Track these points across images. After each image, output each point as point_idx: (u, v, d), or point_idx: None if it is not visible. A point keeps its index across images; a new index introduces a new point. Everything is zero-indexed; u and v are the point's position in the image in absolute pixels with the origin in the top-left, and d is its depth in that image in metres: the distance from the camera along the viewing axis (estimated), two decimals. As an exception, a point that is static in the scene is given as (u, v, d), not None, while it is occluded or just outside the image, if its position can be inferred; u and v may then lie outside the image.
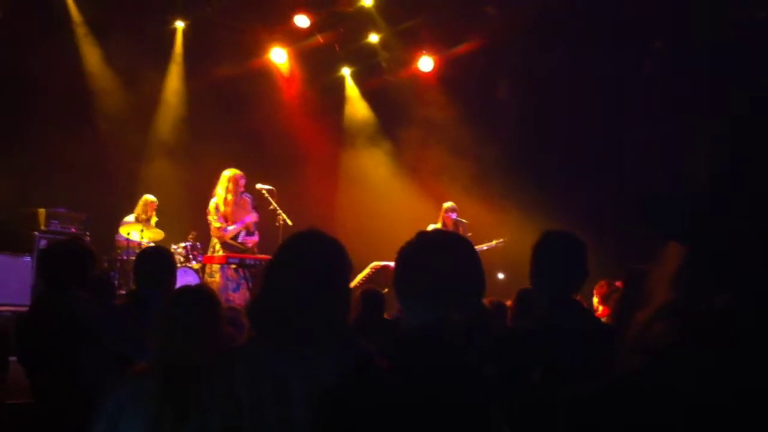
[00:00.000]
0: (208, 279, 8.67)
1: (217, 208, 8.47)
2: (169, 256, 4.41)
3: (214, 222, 8.47)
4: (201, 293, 2.96)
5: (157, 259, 4.28)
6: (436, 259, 2.01)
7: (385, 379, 1.87)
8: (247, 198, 8.74)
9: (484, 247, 9.60)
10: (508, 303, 5.28)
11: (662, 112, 10.41)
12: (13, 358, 3.79)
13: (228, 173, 8.59)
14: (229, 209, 8.49)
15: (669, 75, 10.36)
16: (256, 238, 8.74)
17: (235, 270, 8.31)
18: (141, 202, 9.63)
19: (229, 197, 8.51)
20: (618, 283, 5.14)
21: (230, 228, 8.46)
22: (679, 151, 9.26)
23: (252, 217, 8.62)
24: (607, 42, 10.61)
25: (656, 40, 10.70)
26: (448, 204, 9.62)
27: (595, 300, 6.11)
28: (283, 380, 2.24)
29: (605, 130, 11.16)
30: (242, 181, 8.62)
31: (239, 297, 8.13)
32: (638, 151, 10.85)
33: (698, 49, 9.75)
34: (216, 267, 8.48)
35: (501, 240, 9.80)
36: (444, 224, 9.33)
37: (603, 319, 4.54)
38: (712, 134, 1.30)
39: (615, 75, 10.88)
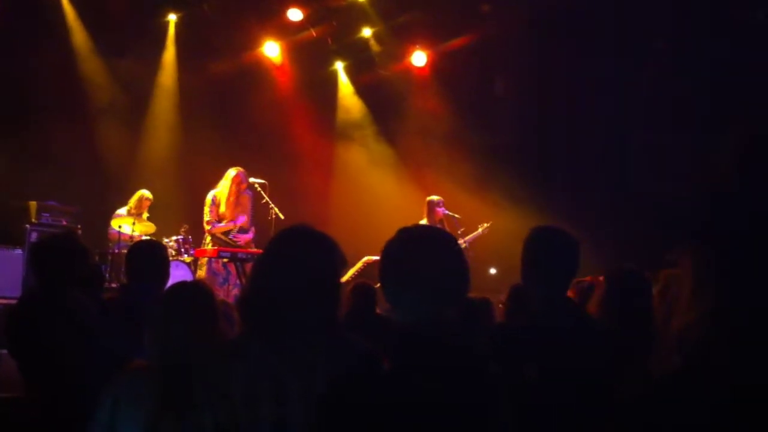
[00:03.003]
0: (198, 272, 8.69)
1: (214, 202, 8.49)
2: (163, 250, 4.36)
3: (206, 215, 8.49)
4: (199, 289, 2.95)
5: (150, 252, 4.26)
6: (419, 255, 2.02)
7: (385, 378, 1.87)
8: (248, 195, 8.75)
9: (472, 236, 9.58)
10: (501, 298, 5.28)
11: (663, 113, 10.42)
12: (3, 351, 3.78)
13: (233, 172, 8.59)
14: (228, 210, 8.50)
15: (670, 75, 10.37)
16: (249, 236, 8.73)
17: (223, 264, 8.33)
18: (136, 197, 9.58)
19: (231, 198, 8.52)
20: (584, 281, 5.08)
21: (219, 224, 8.47)
22: (680, 153, 9.29)
23: (240, 221, 8.62)
24: (607, 41, 10.62)
25: (658, 40, 10.69)
26: (435, 197, 9.41)
27: None
28: (278, 377, 2.24)
29: (603, 128, 11.17)
30: (244, 184, 8.63)
31: (225, 291, 8.15)
32: (636, 150, 10.87)
33: (701, 50, 9.76)
34: (203, 260, 8.50)
35: (485, 225, 9.74)
36: (433, 219, 9.22)
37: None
38: (726, 141, 1.31)
39: (614, 74, 10.88)
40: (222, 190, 8.56)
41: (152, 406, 2.59)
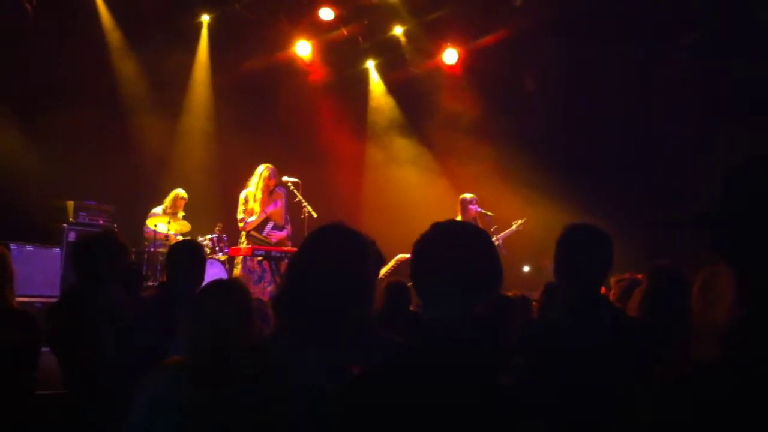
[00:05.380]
0: (234, 270, 8.76)
1: (246, 200, 8.57)
2: (201, 250, 4.47)
3: (239, 213, 8.57)
4: (234, 287, 2.98)
5: (189, 252, 4.33)
6: (451, 250, 1.99)
7: (413, 375, 1.86)
8: (281, 192, 8.80)
9: (506, 233, 9.57)
10: (535, 296, 5.26)
11: (693, 105, 10.31)
12: (45, 349, 3.84)
13: (261, 169, 8.66)
14: (256, 205, 8.56)
15: (702, 70, 10.24)
16: (284, 233, 8.77)
17: (258, 262, 8.38)
18: (171, 196, 9.68)
19: (258, 195, 8.58)
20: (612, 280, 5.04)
21: (249, 220, 8.53)
22: (711, 148, 9.20)
23: (271, 208, 8.65)
24: (639, 35, 10.52)
25: (690, 34, 10.56)
26: (468, 195, 9.46)
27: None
28: (313, 374, 2.25)
29: (636, 120, 11.08)
30: (273, 180, 8.68)
31: (260, 289, 8.20)
32: (668, 145, 10.76)
33: (731, 45, 9.63)
34: (239, 258, 8.57)
35: (520, 222, 9.73)
36: (467, 217, 9.22)
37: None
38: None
39: (646, 68, 10.79)
40: (251, 189, 8.64)
41: (187, 402, 2.62)
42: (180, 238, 9.28)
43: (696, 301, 3.73)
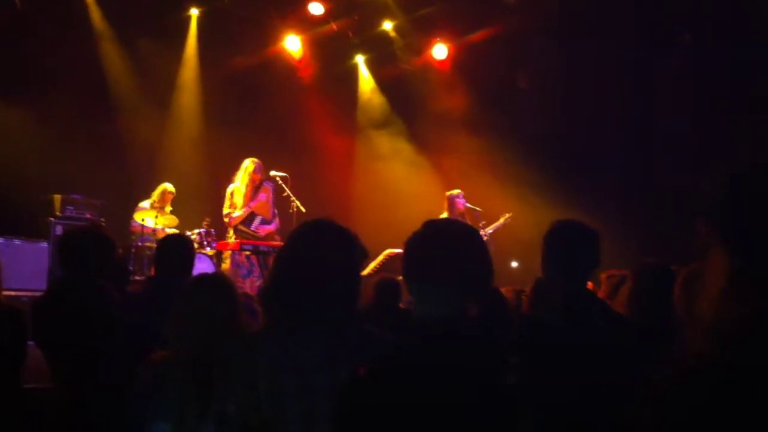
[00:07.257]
0: (222, 265, 8.75)
1: (232, 195, 8.58)
2: (190, 244, 4.47)
3: (224, 208, 8.59)
4: (220, 281, 2.98)
5: (178, 246, 4.32)
6: (443, 248, 1.99)
7: (404, 372, 1.86)
8: (269, 186, 8.80)
9: (494, 227, 9.58)
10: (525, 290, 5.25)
11: (688, 103, 10.35)
12: (30, 343, 3.82)
13: (247, 163, 8.67)
14: (240, 199, 8.57)
15: (696, 68, 10.27)
16: (272, 227, 8.77)
17: (247, 257, 8.38)
18: (159, 190, 9.62)
19: (243, 189, 8.59)
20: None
21: (235, 214, 8.54)
22: (705, 143, 9.24)
23: (255, 201, 8.66)
24: (633, 33, 10.55)
25: (685, 33, 10.59)
26: (455, 191, 9.48)
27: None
28: (302, 369, 2.25)
29: (627, 119, 11.12)
30: (259, 175, 8.68)
31: (249, 283, 8.20)
32: (663, 142, 10.80)
33: (727, 43, 9.67)
34: (227, 253, 8.57)
35: (507, 216, 9.74)
36: (454, 212, 9.23)
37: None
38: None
39: (640, 66, 10.82)
40: (237, 184, 8.66)
41: (177, 397, 2.62)
42: (169, 231, 9.23)
43: (678, 298, 3.75)
